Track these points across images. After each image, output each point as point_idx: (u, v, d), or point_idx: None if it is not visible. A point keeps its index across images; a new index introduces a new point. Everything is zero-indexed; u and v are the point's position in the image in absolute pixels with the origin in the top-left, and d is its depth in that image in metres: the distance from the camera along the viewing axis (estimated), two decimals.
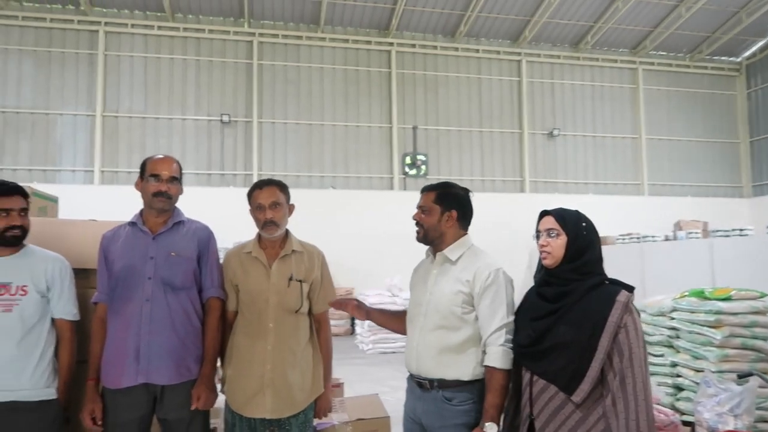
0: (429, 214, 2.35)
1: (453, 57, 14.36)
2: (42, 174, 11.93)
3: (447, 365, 2.24)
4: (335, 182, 13.31)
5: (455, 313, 2.26)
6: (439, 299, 2.29)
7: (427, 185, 2.44)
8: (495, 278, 2.26)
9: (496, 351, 2.19)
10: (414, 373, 2.33)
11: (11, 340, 2.27)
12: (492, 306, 2.23)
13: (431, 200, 2.36)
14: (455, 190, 2.40)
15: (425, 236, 2.38)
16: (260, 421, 2.43)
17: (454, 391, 2.24)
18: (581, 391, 1.93)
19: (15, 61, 12.12)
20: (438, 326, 2.27)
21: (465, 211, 2.39)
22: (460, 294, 2.26)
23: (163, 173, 2.45)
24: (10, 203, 2.31)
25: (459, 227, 2.38)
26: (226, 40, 13.12)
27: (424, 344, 2.28)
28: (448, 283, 2.30)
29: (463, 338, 2.26)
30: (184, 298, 2.43)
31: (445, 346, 2.25)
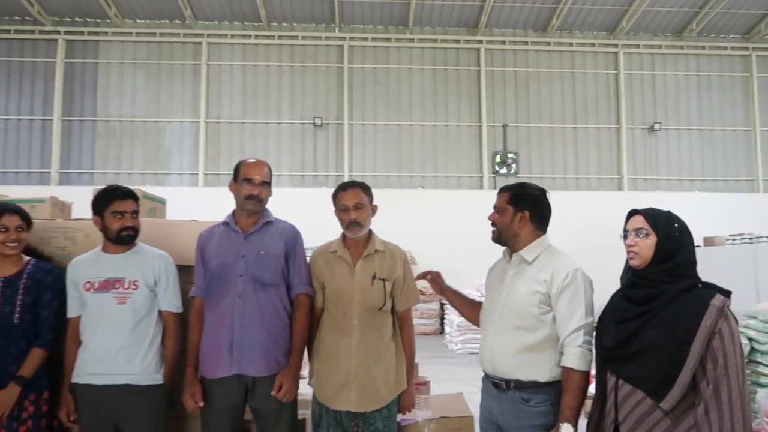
0: (502, 215, 2.36)
1: (545, 52, 13.97)
2: (153, 177, 12.91)
3: (524, 366, 2.23)
4: (424, 182, 13.36)
5: (532, 313, 2.24)
6: (516, 300, 2.28)
7: (504, 186, 2.45)
8: (573, 278, 2.23)
9: (574, 352, 2.16)
10: (489, 373, 2.33)
11: (125, 330, 2.51)
12: (570, 306, 2.20)
13: (504, 201, 2.37)
14: (529, 191, 2.39)
15: (499, 236, 2.40)
16: (346, 414, 2.52)
17: (531, 392, 2.23)
18: (671, 397, 1.86)
19: (130, 74, 13.20)
20: (515, 327, 2.26)
21: (539, 211, 2.36)
22: (537, 294, 2.24)
23: (255, 177, 2.61)
24: (124, 206, 2.56)
25: (534, 228, 2.36)
26: (318, 45, 13.55)
27: (499, 345, 2.28)
28: (524, 284, 2.28)
29: (540, 339, 2.24)
30: (273, 295, 2.57)
31: (521, 346, 2.24)
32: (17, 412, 2.46)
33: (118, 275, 2.56)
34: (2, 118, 12.91)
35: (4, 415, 2.42)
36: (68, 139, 12.99)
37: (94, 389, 2.48)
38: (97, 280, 2.55)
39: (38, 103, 12.99)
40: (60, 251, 2.93)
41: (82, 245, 2.91)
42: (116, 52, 13.22)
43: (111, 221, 2.55)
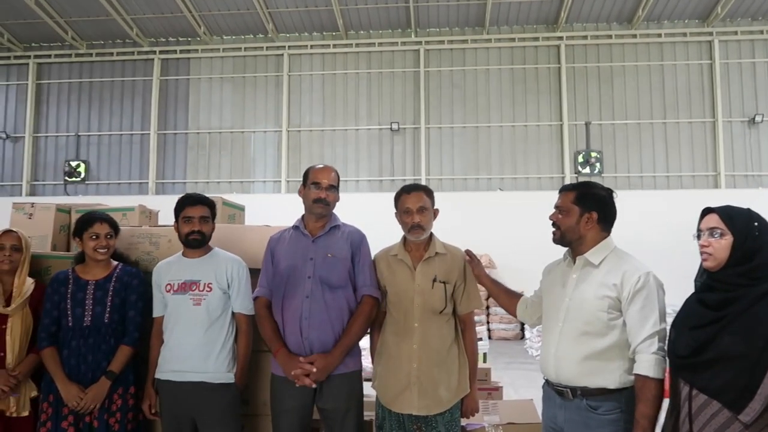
0: (567, 215, 2.28)
1: (630, 45, 13.32)
2: (239, 185, 13.52)
3: (591, 373, 2.15)
4: (503, 184, 13.12)
5: (601, 318, 2.16)
6: (582, 304, 2.20)
7: (565, 185, 2.38)
8: (645, 282, 2.14)
9: (649, 359, 2.07)
10: (553, 380, 2.26)
11: (200, 329, 2.67)
12: (643, 311, 2.11)
13: (570, 201, 2.29)
14: (596, 191, 2.31)
15: (562, 238, 2.32)
16: (408, 417, 2.54)
17: (600, 400, 2.15)
18: (751, 410, 1.74)
19: (217, 88, 13.91)
20: (581, 332, 2.19)
21: (607, 212, 2.28)
22: (606, 299, 2.16)
23: (323, 182, 2.70)
24: (192, 212, 2.73)
25: (600, 229, 2.27)
26: (395, 51, 13.67)
27: (565, 351, 2.21)
28: (591, 288, 2.21)
29: (609, 344, 2.16)
30: (341, 296, 2.63)
31: (589, 353, 2.16)
32: (107, 404, 2.68)
33: (194, 278, 2.72)
34: (107, 134, 13.99)
35: (96, 407, 2.64)
36: (163, 152, 13.88)
37: (174, 385, 2.65)
38: (176, 282, 2.72)
39: (137, 119, 13.98)
40: (146, 256, 3.16)
41: (165, 250, 3.12)
42: (205, 67, 13.98)
43: (182, 226, 2.73)
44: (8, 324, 2.75)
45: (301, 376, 2.49)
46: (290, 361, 2.53)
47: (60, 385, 2.65)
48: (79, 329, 2.72)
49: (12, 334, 2.74)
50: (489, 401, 3.21)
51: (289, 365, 2.53)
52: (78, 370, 2.68)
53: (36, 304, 2.85)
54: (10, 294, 2.81)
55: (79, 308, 2.73)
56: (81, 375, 2.68)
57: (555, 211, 2.33)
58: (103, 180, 13.93)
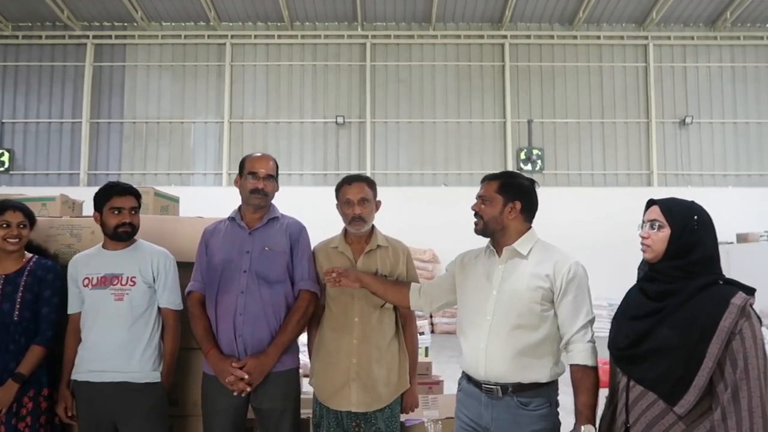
0: (490, 205, 2.20)
1: (571, 46, 13.69)
2: (179, 177, 13.07)
3: (525, 368, 2.10)
4: (448, 179, 13.22)
5: (534, 310, 2.11)
6: (514, 297, 2.13)
7: (488, 174, 2.29)
8: (576, 272, 2.11)
9: (586, 348, 2.06)
10: (481, 378, 2.15)
11: (122, 326, 2.48)
12: (575, 301, 2.09)
13: (493, 190, 2.21)
14: (519, 180, 2.25)
15: (485, 228, 2.23)
16: (346, 414, 2.45)
17: (530, 396, 2.10)
18: (685, 401, 1.74)
19: (155, 76, 13.38)
20: (514, 326, 2.11)
21: (530, 202, 2.22)
22: (540, 290, 2.11)
23: (260, 171, 2.55)
24: (122, 202, 2.53)
25: (523, 219, 2.22)
26: (341, 44, 13.52)
27: (496, 347, 2.12)
28: (521, 279, 2.14)
29: (541, 337, 2.12)
30: (278, 292, 2.51)
31: (523, 347, 2.10)
32: (16, 408, 2.46)
33: (116, 271, 2.53)
34: (33, 122, 13.22)
35: (2, 412, 2.42)
36: (96, 141, 13.24)
37: (92, 386, 2.46)
38: (96, 276, 2.53)
39: (68, 106, 13.27)
40: (66, 249, 2.93)
41: (88, 243, 2.90)
42: (142, 54, 13.42)
43: (109, 217, 2.53)
44: None
45: (236, 383, 2.36)
46: (222, 364, 2.40)
47: None
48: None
49: None
50: (429, 396, 3.17)
51: (221, 370, 2.39)
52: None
53: None
54: None
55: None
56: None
57: (477, 201, 2.25)
58: (29, 170, 13.16)
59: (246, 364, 2.36)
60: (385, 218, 2.70)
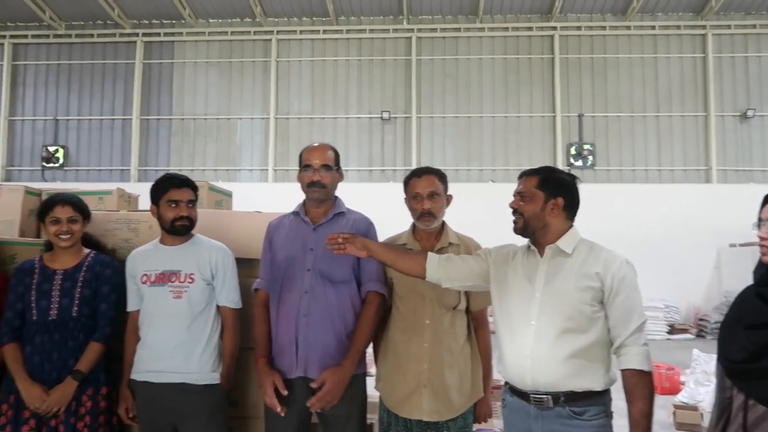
0: (530, 201, 2.03)
1: (624, 36, 13.17)
2: (225, 173, 13.17)
3: (577, 374, 1.91)
4: (495, 176, 12.93)
5: (584, 312, 1.93)
6: (561, 298, 1.95)
7: (527, 169, 2.12)
8: (627, 270, 1.94)
9: (641, 351, 1.89)
10: (528, 388, 1.97)
11: (181, 325, 2.38)
12: (627, 302, 1.91)
13: (533, 185, 2.04)
14: (561, 175, 2.08)
15: (525, 227, 2.06)
16: (416, 423, 2.29)
17: (584, 405, 1.91)
18: None
19: (203, 73, 13.51)
20: (563, 330, 1.93)
21: (572, 199, 2.05)
22: (589, 290, 1.93)
23: (315, 162, 2.40)
24: (179, 195, 2.44)
25: (565, 217, 2.04)
26: (386, 38, 13.38)
27: (544, 353, 1.93)
28: (568, 279, 1.96)
29: (592, 341, 1.93)
30: (344, 292, 2.36)
31: (574, 351, 1.91)
32: (75, 407, 2.39)
33: (174, 268, 2.44)
34: (86, 119, 13.54)
35: (61, 410, 2.36)
36: (146, 138, 13.47)
37: (152, 387, 2.37)
38: (154, 272, 2.44)
39: (119, 103, 13.54)
40: (124, 243, 2.87)
41: (146, 237, 2.83)
42: (190, 51, 13.57)
43: (166, 210, 2.43)
44: None
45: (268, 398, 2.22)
46: (266, 378, 2.25)
47: (21, 386, 2.35)
48: (44, 324, 2.42)
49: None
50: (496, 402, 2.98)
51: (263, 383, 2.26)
52: (41, 368, 2.39)
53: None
54: None
55: (44, 300, 2.43)
56: (45, 374, 2.38)
57: (516, 198, 2.08)
58: (82, 166, 13.48)
59: (324, 382, 2.21)
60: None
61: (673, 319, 11.03)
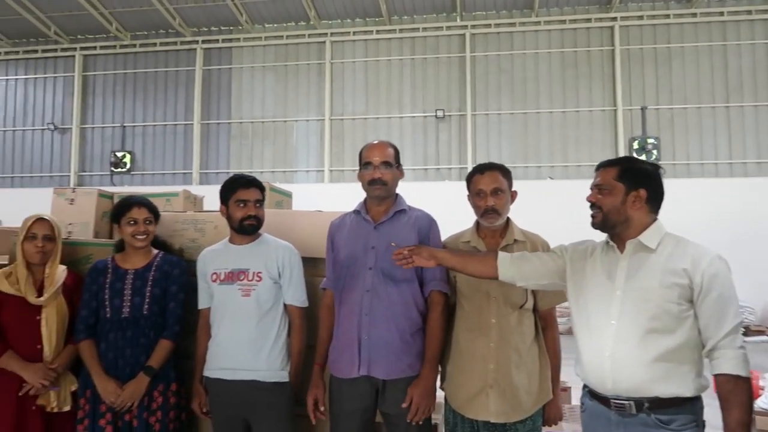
0: (609, 194, 1.93)
1: (690, 24, 12.57)
2: (282, 175, 13.40)
3: (663, 378, 1.78)
4: (553, 172, 12.61)
5: (670, 311, 1.80)
6: (644, 296, 1.83)
7: (604, 160, 2.01)
8: (719, 267, 1.79)
9: (736, 355, 1.74)
10: (609, 393, 1.86)
11: (250, 323, 2.43)
12: (720, 301, 1.76)
13: (612, 177, 1.93)
14: (642, 165, 1.96)
15: (604, 221, 1.95)
16: (483, 424, 2.23)
17: (672, 413, 1.78)
18: None
19: (260, 77, 13.80)
20: (647, 330, 1.81)
21: (656, 190, 1.92)
22: (676, 287, 1.80)
23: (375, 159, 2.39)
24: (247, 195, 2.49)
25: (649, 210, 1.92)
26: (440, 36, 13.28)
27: (626, 354, 1.83)
28: (652, 276, 1.84)
29: (680, 342, 1.80)
30: (406, 291, 2.33)
31: (660, 354, 1.79)
32: (147, 402, 2.47)
33: (242, 266, 2.48)
34: (151, 125, 14.08)
35: (134, 405, 2.44)
36: (207, 141, 13.88)
37: (223, 383, 2.43)
38: (223, 271, 2.50)
39: (181, 109, 14.01)
40: (190, 243, 2.94)
41: (212, 237, 2.90)
42: (247, 56, 13.89)
43: (234, 210, 2.48)
44: (42, 315, 2.56)
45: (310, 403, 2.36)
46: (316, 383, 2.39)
47: (96, 381, 2.45)
48: (117, 321, 2.52)
49: (48, 325, 2.55)
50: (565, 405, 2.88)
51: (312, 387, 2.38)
52: (116, 364, 2.48)
53: (70, 293, 2.66)
54: (42, 283, 2.62)
55: (117, 299, 2.53)
56: (119, 370, 2.48)
57: (593, 191, 1.98)
58: (148, 170, 14.03)
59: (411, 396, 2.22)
60: None
61: (749, 321, 10.45)
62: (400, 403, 2.24)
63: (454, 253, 2.23)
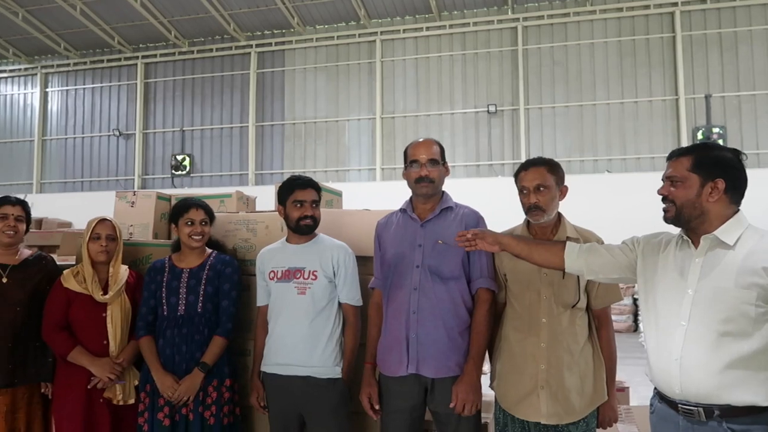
0: (683, 186, 1.78)
1: (758, 6, 11.87)
2: (335, 174, 13.57)
3: (735, 385, 1.66)
4: (611, 166, 12.22)
5: (747, 314, 1.66)
6: (719, 296, 1.71)
7: (675, 150, 1.85)
8: None
9: None
10: (676, 396, 1.76)
11: (305, 320, 2.48)
12: None
13: (686, 168, 1.78)
14: (719, 152, 1.79)
15: (678, 216, 1.81)
16: (534, 425, 2.19)
17: (746, 422, 1.66)
18: None
19: (312, 78, 14.01)
20: (721, 333, 1.69)
21: (736, 179, 1.75)
22: (755, 288, 1.66)
23: (421, 157, 2.39)
24: (304, 195, 2.55)
25: (729, 202, 1.76)
26: (491, 30, 13.09)
27: (695, 358, 1.71)
28: (729, 275, 1.71)
29: (757, 347, 1.67)
30: (453, 289, 2.33)
31: (733, 359, 1.67)
32: (202, 397, 2.56)
33: (299, 265, 2.55)
34: (208, 128, 14.53)
35: (190, 399, 2.53)
36: (261, 143, 14.20)
37: (280, 379, 2.50)
38: (280, 269, 2.57)
39: (236, 112, 14.39)
40: (243, 243, 3.03)
41: (263, 237, 2.98)
42: (299, 58, 14.12)
43: (291, 210, 2.55)
44: (108, 312, 2.70)
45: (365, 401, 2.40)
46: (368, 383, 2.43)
47: (155, 375, 2.57)
48: (174, 318, 2.63)
49: (113, 322, 2.69)
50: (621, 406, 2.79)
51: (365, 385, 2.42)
52: (173, 360, 2.59)
53: (132, 291, 2.79)
54: (106, 282, 2.76)
55: (173, 297, 2.64)
56: (176, 365, 2.59)
57: (665, 183, 1.83)
58: (206, 172, 14.49)
59: (457, 395, 2.23)
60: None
61: None
62: (449, 402, 2.24)
63: (519, 239, 2.14)
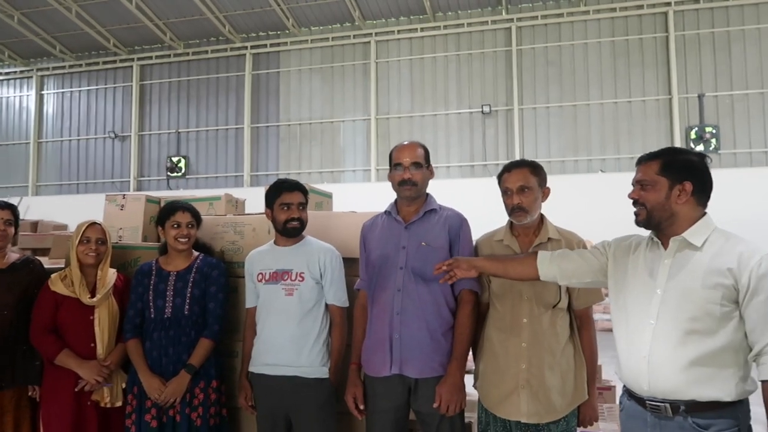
0: (652, 190, 1.84)
1: (751, 6, 11.93)
2: (330, 175, 13.59)
3: (701, 381, 1.72)
4: (604, 165, 12.27)
5: (712, 313, 1.72)
6: (686, 296, 1.76)
7: (644, 154, 1.91)
8: None
9: None
10: (645, 393, 1.82)
11: (293, 321, 2.52)
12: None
13: (654, 172, 1.84)
14: (686, 156, 1.85)
15: (648, 219, 1.86)
16: (515, 424, 2.22)
17: (710, 417, 1.72)
18: None
19: (307, 79, 14.03)
20: (687, 331, 1.74)
21: (703, 181, 1.82)
22: (720, 288, 1.72)
23: (405, 160, 2.42)
24: (290, 198, 2.58)
25: (696, 203, 1.82)
26: (485, 30, 13.13)
27: (663, 355, 1.77)
28: (696, 275, 1.77)
29: (722, 345, 1.72)
30: (436, 290, 2.36)
31: (699, 356, 1.72)
32: (189, 399, 2.59)
33: (286, 267, 2.58)
34: (204, 130, 14.55)
35: (177, 401, 2.56)
36: (257, 144, 14.23)
37: (268, 379, 2.54)
38: (268, 271, 2.60)
39: (231, 114, 14.41)
40: (230, 246, 3.05)
41: (250, 239, 3.00)
42: (294, 59, 14.14)
43: (278, 213, 2.59)
44: (96, 315, 2.72)
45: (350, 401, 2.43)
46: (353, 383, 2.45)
47: (142, 378, 2.59)
48: (161, 321, 2.65)
49: (100, 325, 2.71)
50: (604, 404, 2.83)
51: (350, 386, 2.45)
52: (160, 362, 2.62)
53: (120, 294, 2.82)
54: (94, 285, 2.78)
55: (160, 300, 2.67)
56: (163, 368, 2.61)
57: (636, 187, 1.89)
58: (201, 174, 14.51)
59: (440, 395, 2.26)
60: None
61: None
62: (432, 402, 2.27)
63: (492, 259, 2.21)
